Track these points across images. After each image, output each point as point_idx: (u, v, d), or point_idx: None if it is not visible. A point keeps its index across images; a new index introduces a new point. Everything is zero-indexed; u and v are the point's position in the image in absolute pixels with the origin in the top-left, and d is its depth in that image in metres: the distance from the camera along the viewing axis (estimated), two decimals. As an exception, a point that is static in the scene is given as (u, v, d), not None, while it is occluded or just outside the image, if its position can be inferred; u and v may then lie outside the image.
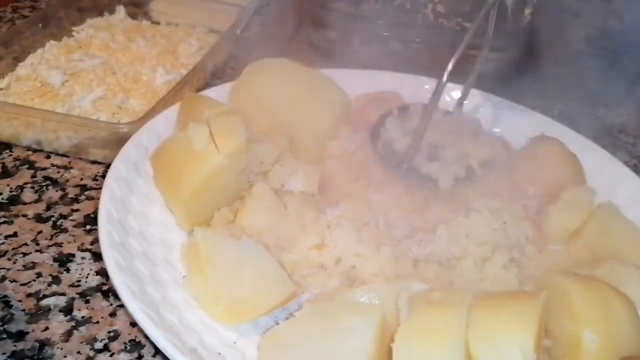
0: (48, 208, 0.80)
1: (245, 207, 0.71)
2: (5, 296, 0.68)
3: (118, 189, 0.71)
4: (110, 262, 0.62)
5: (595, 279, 0.61)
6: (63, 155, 0.89)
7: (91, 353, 0.63)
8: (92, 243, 0.75)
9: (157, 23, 1.18)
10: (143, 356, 0.63)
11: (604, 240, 0.73)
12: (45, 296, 0.68)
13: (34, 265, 0.72)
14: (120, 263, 0.62)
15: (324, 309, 0.58)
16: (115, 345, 0.64)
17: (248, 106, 0.82)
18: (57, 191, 0.83)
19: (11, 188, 0.83)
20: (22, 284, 0.70)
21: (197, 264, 0.63)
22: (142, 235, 0.69)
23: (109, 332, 0.65)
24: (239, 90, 0.85)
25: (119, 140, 0.79)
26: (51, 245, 0.75)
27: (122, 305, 0.66)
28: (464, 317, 0.53)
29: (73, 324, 0.66)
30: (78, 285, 0.70)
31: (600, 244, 0.73)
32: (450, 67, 0.73)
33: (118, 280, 0.60)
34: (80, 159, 0.88)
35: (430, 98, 0.76)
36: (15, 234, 0.76)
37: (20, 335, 0.64)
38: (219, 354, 0.59)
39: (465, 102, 0.89)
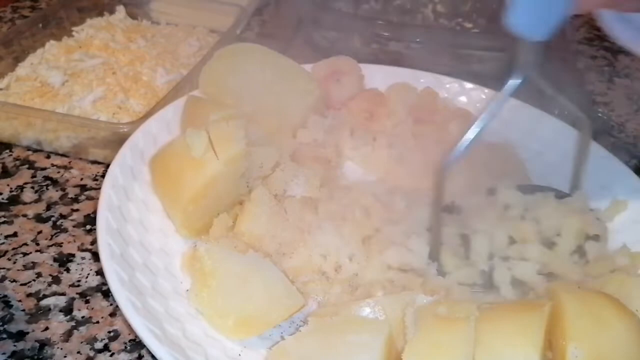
0: (48, 208, 0.80)
1: (245, 212, 0.70)
2: (6, 296, 0.68)
3: (115, 196, 0.70)
4: (111, 276, 0.61)
5: (596, 292, 0.60)
6: (63, 155, 0.89)
7: (91, 353, 0.63)
8: (92, 243, 0.75)
9: (157, 23, 1.18)
10: (143, 356, 0.63)
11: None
12: (45, 296, 0.68)
13: (34, 265, 0.72)
14: (121, 276, 0.61)
15: (330, 325, 0.58)
16: (115, 345, 0.64)
17: (216, 91, 0.82)
18: (57, 191, 0.83)
19: (11, 188, 0.83)
20: (22, 284, 0.70)
21: (202, 278, 0.62)
22: (142, 244, 0.68)
23: (109, 332, 0.65)
24: (208, 74, 0.84)
25: (119, 140, 0.79)
26: (51, 245, 0.75)
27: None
28: (471, 333, 0.53)
29: (73, 324, 0.66)
30: (78, 285, 0.70)
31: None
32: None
33: (120, 296, 0.59)
34: (80, 159, 0.88)
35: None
36: (15, 234, 0.76)
37: (21, 335, 0.64)
38: None
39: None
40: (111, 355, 0.63)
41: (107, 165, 0.84)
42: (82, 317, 0.67)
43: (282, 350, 0.57)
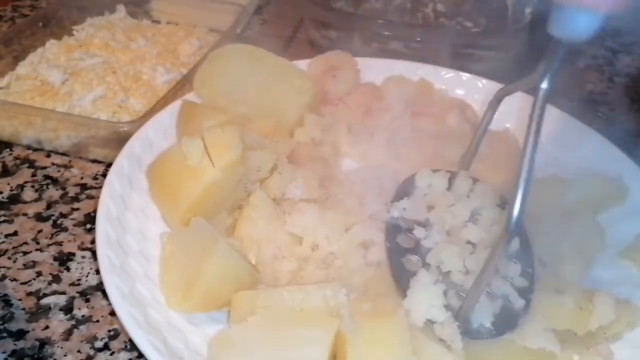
0: (48, 207, 0.80)
1: (244, 217, 0.70)
2: (6, 295, 0.68)
3: (114, 207, 0.70)
4: (112, 290, 0.60)
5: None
6: (63, 154, 0.89)
7: (91, 352, 0.63)
8: (92, 242, 0.75)
9: (158, 22, 1.18)
10: (143, 355, 0.63)
11: None
12: (45, 295, 0.69)
13: (34, 264, 0.72)
14: (121, 289, 0.61)
15: (279, 316, 0.57)
16: (115, 344, 0.64)
17: (211, 93, 0.82)
18: (57, 190, 0.83)
19: (11, 187, 0.83)
20: (22, 283, 0.70)
21: (164, 265, 0.65)
22: (141, 253, 0.68)
23: (109, 330, 0.65)
24: (202, 76, 0.84)
25: (119, 139, 0.79)
26: (51, 244, 0.75)
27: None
28: (405, 325, 0.56)
29: (73, 322, 0.66)
30: (78, 284, 0.70)
31: None
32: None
33: (121, 309, 0.59)
34: (81, 157, 0.88)
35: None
36: (15, 233, 0.76)
37: (21, 334, 0.64)
38: None
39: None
40: (111, 354, 0.63)
41: (108, 164, 0.84)
42: (82, 316, 0.67)
43: (225, 338, 0.56)
